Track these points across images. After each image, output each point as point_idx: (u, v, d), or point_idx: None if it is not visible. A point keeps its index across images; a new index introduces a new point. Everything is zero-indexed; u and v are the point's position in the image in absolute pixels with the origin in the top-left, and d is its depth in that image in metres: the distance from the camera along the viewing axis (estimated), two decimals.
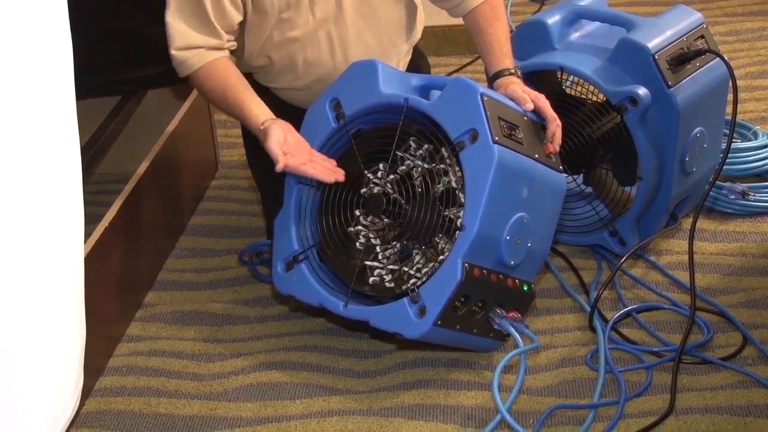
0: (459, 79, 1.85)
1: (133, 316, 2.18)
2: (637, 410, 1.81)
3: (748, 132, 2.55)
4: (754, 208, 2.36)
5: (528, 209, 1.85)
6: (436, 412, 1.84)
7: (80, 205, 1.51)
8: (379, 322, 1.87)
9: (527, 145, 1.86)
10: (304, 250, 1.97)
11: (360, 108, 1.94)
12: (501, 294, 1.87)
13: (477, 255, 1.80)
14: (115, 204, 2.12)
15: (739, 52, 3.16)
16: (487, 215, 1.78)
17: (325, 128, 1.96)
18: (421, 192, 1.87)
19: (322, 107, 1.97)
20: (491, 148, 1.77)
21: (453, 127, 1.82)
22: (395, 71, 2.00)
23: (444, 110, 1.84)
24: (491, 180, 1.77)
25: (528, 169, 1.85)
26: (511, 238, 1.83)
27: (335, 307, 1.92)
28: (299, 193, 2.00)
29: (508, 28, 2.08)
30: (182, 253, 2.41)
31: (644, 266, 2.22)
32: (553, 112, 1.94)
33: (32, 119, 1.34)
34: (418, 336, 1.82)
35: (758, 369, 1.89)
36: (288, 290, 1.99)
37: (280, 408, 1.88)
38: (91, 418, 1.88)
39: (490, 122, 1.79)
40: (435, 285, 1.81)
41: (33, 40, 1.33)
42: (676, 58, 2.12)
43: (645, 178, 2.13)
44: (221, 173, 2.75)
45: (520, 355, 1.85)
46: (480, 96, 1.81)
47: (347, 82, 1.96)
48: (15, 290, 1.34)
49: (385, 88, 1.91)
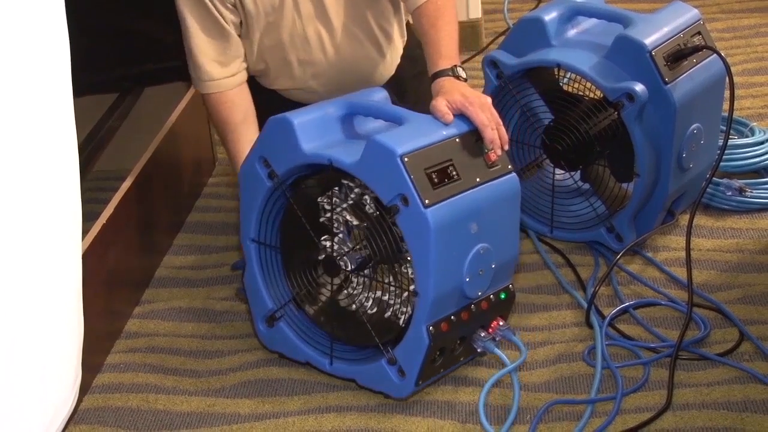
0: (376, 141, 1.73)
1: (131, 312, 2.18)
2: (634, 406, 1.81)
3: (744, 128, 2.55)
4: (751, 204, 2.36)
5: (482, 238, 1.78)
6: (433, 408, 1.84)
7: (78, 201, 1.51)
8: (366, 382, 1.87)
9: (465, 177, 1.76)
10: (280, 307, 1.95)
11: (288, 167, 1.86)
12: (478, 320, 1.85)
13: (440, 310, 1.77)
14: (112, 201, 2.12)
15: (736, 48, 3.17)
16: (439, 276, 1.74)
17: (263, 187, 1.90)
18: (376, 217, 1.80)
19: (253, 167, 1.89)
20: (424, 215, 1.69)
21: (381, 191, 1.74)
22: (313, 116, 1.86)
23: (369, 173, 1.75)
24: (432, 245, 1.71)
25: (471, 204, 1.76)
26: (471, 277, 1.78)
27: (321, 364, 1.92)
28: (258, 252, 1.95)
29: (454, 27, 2.00)
30: (180, 249, 2.41)
31: (641, 262, 2.22)
32: (484, 116, 1.79)
33: (29, 116, 1.34)
34: (405, 395, 1.83)
35: (755, 365, 1.89)
36: (274, 347, 1.99)
37: (278, 404, 1.88)
38: (89, 415, 1.88)
39: (416, 185, 1.69)
40: (407, 347, 1.79)
41: (30, 38, 1.33)
42: (672, 54, 2.12)
43: (642, 175, 2.13)
44: (219, 170, 2.75)
45: (509, 372, 1.85)
46: (400, 159, 1.70)
47: (269, 140, 1.87)
48: (13, 287, 1.34)
49: (307, 145, 1.82)
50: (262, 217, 1.93)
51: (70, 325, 1.52)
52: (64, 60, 1.43)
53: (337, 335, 1.91)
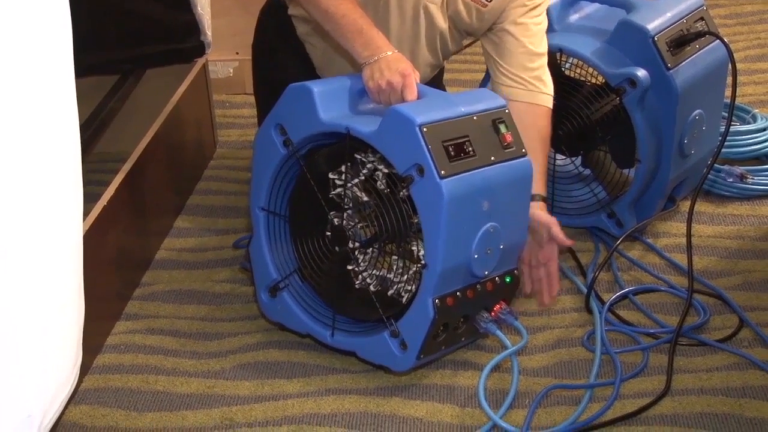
0: (396, 111, 1.74)
1: (132, 294, 2.18)
2: (632, 391, 1.82)
3: (746, 115, 2.55)
4: (752, 191, 2.36)
5: (493, 217, 1.78)
6: (432, 392, 1.85)
7: (79, 183, 1.51)
8: (366, 354, 1.87)
9: (480, 154, 1.76)
10: (284, 278, 1.96)
11: (304, 135, 1.87)
12: (482, 301, 1.85)
13: (447, 284, 1.77)
14: (113, 183, 2.12)
15: (739, 35, 3.16)
16: (449, 248, 1.74)
17: (276, 155, 1.90)
18: (387, 193, 1.80)
19: (269, 134, 1.90)
20: (439, 186, 1.69)
21: (398, 161, 1.74)
22: (333, 86, 1.88)
23: (386, 142, 1.75)
24: (445, 217, 1.71)
25: (484, 181, 1.76)
26: (479, 254, 1.78)
27: (322, 336, 1.92)
28: (266, 221, 1.96)
29: (546, 158, 2.06)
30: (180, 232, 2.41)
31: (641, 248, 2.23)
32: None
33: (31, 97, 1.34)
34: (406, 369, 1.83)
35: (754, 351, 1.89)
36: (274, 317, 1.99)
37: (278, 387, 1.88)
38: (89, 395, 1.88)
39: (434, 155, 1.70)
40: (411, 320, 1.79)
41: (32, 18, 1.32)
42: (675, 40, 2.12)
43: (643, 161, 2.13)
44: (219, 153, 2.75)
45: (509, 356, 1.85)
46: (419, 129, 1.70)
47: (287, 108, 1.88)
48: (15, 268, 1.34)
49: (325, 114, 1.82)
50: (274, 186, 1.94)
51: (71, 305, 1.52)
52: (67, 41, 1.42)
53: (340, 308, 1.91)
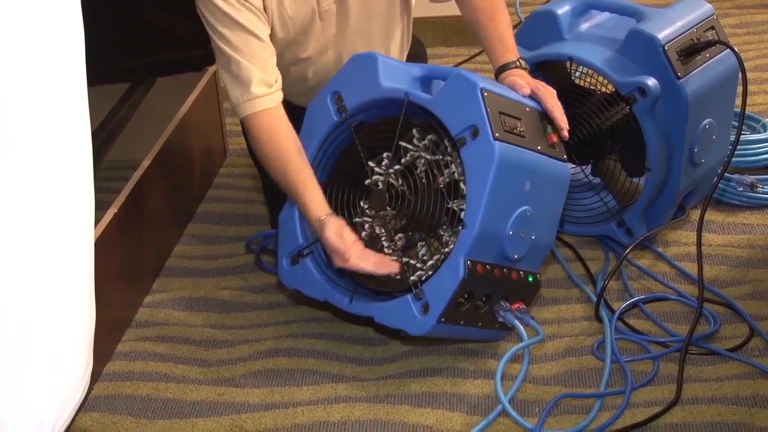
0: (459, 74, 1.82)
1: (142, 301, 2.19)
2: (643, 400, 1.81)
3: (757, 124, 2.55)
4: (763, 200, 2.36)
5: (531, 202, 1.83)
6: (442, 400, 1.85)
7: (91, 190, 1.52)
8: (384, 318, 1.88)
9: (529, 138, 1.83)
10: (309, 245, 1.97)
11: (361, 102, 1.92)
12: (505, 287, 1.87)
13: (480, 251, 1.79)
14: (123, 191, 2.13)
15: (749, 44, 3.16)
16: (489, 212, 1.77)
17: (328, 121, 1.95)
18: (424, 183, 1.86)
19: (324, 101, 1.96)
20: (492, 145, 1.75)
21: (453, 123, 1.80)
22: (396, 62, 1.97)
23: (444, 105, 1.82)
24: (492, 177, 1.75)
25: (530, 162, 1.82)
26: (514, 232, 1.82)
27: (340, 302, 1.93)
28: None
29: (509, 19, 2.05)
30: (190, 240, 2.42)
31: (651, 257, 2.22)
32: (554, 100, 1.91)
33: (44, 105, 1.34)
34: (423, 333, 1.83)
35: (764, 360, 1.89)
36: (293, 284, 2.00)
37: (287, 394, 1.89)
38: (99, 402, 1.89)
39: (491, 118, 1.76)
40: (438, 282, 1.80)
41: (45, 27, 1.33)
42: (685, 49, 2.12)
43: (653, 169, 2.13)
44: (230, 161, 2.76)
45: (524, 348, 1.86)
46: (480, 91, 1.78)
47: (348, 76, 1.94)
48: (27, 275, 1.35)
49: (386, 82, 1.89)
50: (318, 153, 1.97)
51: (83, 312, 1.52)
52: (79, 49, 1.43)
53: (363, 279, 1.91)
